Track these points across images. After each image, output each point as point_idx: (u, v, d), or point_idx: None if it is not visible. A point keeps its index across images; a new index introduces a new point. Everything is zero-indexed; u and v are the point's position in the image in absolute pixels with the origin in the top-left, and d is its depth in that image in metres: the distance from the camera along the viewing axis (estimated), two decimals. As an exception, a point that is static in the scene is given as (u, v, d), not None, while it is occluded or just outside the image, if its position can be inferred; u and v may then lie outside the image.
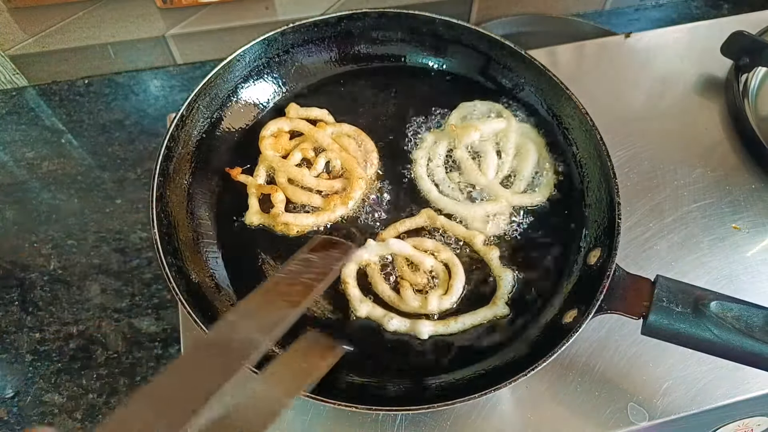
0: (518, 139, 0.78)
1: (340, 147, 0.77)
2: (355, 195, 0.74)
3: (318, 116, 0.80)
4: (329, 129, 0.78)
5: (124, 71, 1.11)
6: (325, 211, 0.73)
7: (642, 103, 0.92)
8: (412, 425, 0.65)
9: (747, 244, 0.79)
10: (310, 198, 0.74)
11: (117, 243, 0.93)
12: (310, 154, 0.77)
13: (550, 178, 0.77)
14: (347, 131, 0.79)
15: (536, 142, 0.79)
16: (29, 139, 1.03)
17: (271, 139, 0.77)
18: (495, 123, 0.78)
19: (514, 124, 0.79)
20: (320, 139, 0.76)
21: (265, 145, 0.76)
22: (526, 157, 0.77)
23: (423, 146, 0.79)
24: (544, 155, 0.78)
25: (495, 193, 0.75)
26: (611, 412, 0.66)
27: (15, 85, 1.08)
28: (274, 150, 0.76)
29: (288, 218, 0.72)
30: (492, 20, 1.16)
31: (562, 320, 0.65)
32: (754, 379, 0.68)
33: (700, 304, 0.58)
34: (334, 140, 0.77)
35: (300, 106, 0.80)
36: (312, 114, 0.80)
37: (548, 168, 0.77)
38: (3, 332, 0.86)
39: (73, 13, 0.99)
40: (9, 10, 0.96)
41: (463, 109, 0.81)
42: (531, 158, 0.77)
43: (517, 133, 0.79)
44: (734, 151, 0.87)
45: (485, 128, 0.78)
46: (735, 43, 0.89)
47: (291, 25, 0.79)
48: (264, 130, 0.77)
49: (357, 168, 0.74)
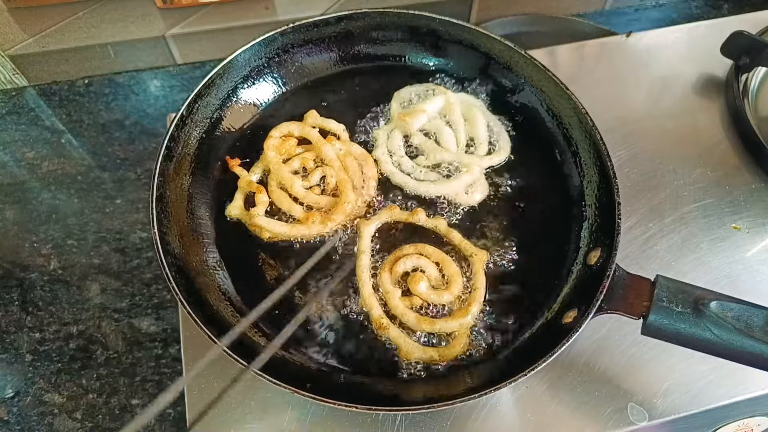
0: (462, 108, 0.81)
1: (342, 166, 0.74)
2: (336, 218, 0.71)
3: (333, 129, 0.78)
4: (338, 145, 0.76)
5: (124, 71, 1.11)
6: (302, 225, 0.71)
7: (642, 103, 0.92)
8: (412, 425, 0.65)
9: (747, 244, 0.79)
10: (291, 207, 0.72)
11: (117, 243, 0.93)
12: (311, 165, 0.76)
13: (504, 134, 0.81)
14: (355, 152, 0.77)
15: (477, 105, 0.82)
16: (29, 139, 1.03)
17: (277, 140, 0.76)
18: (436, 100, 0.81)
19: (452, 96, 0.81)
20: (325, 152, 0.75)
21: (269, 144, 0.75)
22: (475, 121, 0.80)
23: (379, 143, 0.79)
24: (488, 116, 0.82)
25: (464, 162, 0.77)
26: (611, 412, 0.66)
27: (15, 85, 1.08)
28: (276, 152, 0.75)
29: (261, 221, 0.70)
30: (492, 20, 1.16)
31: (562, 320, 0.65)
32: (754, 379, 0.68)
33: (700, 304, 0.58)
34: (339, 157, 0.75)
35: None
36: (328, 125, 0.78)
37: (499, 125, 0.81)
38: (3, 332, 0.86)
39: (73, 13, 1.00)
40: (9, 10, 0.96)
41: (400, 97, 0.83)
42: (480, 121, 0.80)
43: (459, 103, 0.81)
44: (734, 151, 0.87)
45: (429, 108, 0.80)
46: (735, 43, 0.89)
47: (291, 25, 0.79)
48: (274, 130, 0.77)
49: (349, 192, 0.72)
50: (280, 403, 0.66)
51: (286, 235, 0.71)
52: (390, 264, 0.69)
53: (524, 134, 0.81)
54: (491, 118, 0.82)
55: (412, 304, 0.67)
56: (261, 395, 0.66)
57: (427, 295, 0.67)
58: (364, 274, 0.68)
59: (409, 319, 0.66)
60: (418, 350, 0.64)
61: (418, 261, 0.69)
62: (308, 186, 0.74)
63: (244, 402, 0.66)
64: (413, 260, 0.69)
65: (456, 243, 0.72)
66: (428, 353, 0.64)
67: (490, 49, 0.82)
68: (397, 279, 0.69)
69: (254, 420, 0.65)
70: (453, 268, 0.69)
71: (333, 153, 0.75)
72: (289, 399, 0.66)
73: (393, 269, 0.69)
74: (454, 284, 0.68)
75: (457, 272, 0.69)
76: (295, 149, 0.76)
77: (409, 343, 0.65)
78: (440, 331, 0.66)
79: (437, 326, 0.65)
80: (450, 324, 0.65)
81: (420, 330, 0.66)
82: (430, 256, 0.70)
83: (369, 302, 0.67)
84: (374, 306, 0.66)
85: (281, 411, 0.66)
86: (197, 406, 0.65)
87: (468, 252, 0.71)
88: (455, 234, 0.72)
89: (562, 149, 0.78)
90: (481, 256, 0.70)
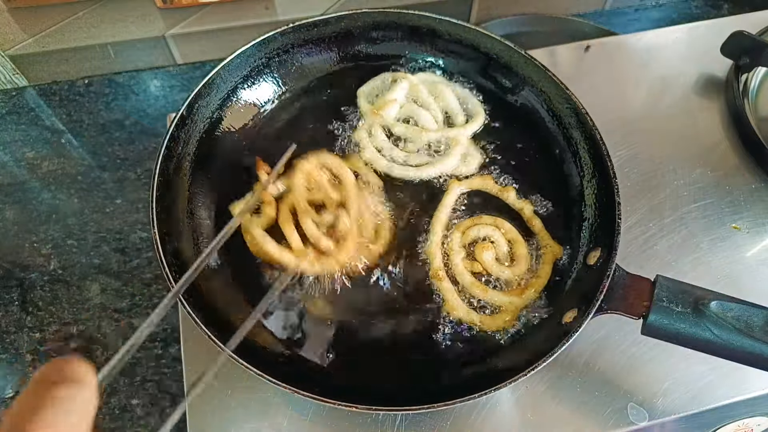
0: (427, 87, 0.82)
1: (359, 219, 0.70)
2: (326, 264, 0.67)
3: (371, 180, 0.75)
4: (366, 196, 0.72)
5: (124, 71, 1.11)
6: (291, 254, 0.67)
7: (642, 103, 0.92)
8: (412, 425, 0.65)
9: (747, 244, 0.79)
10: (291, 234, 0.68)
11: (117, 243, 0.93)
12: (332, 204, 0.70)
13: (473, 98, 0.83)
14: (379, 209, 0.73)
15: (439, 81, 0.84)
16: (29, 139, 1.03)
17: (312, 166, 0.71)
18: (401, 86, 0.81)
19: (414, 78, 0.82)
20: (350, 200, 0.69)
21: (302, 167, 0.70)
22: (443, 96, 0.82)
23: (363, 144, 0.78)
24: (452, 86, 0.84)
25: (451, 136, 0.79)
26: (611, 412, 0.66)
27: (15, 85, 1.09)
28: (306, 177, 0.70)
29: (256, 232, 0.67)
30: (492, 20, 1.16)
31: (562, 320, 0.65)
32: (754, 379, 0.68)
33: (700, 304, 0.58)
34: (361, 210, 0.70)
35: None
36: (368, 176, 0.75)
37: (465, 92, 0.84)
38: (3, 332, 0.86)
39: (73, 13, 1.00)
40: (9, 10, 0.96)
41: (364, 93, 0.83)
42: (448, 94, 0.82)
43: (423, 83, 0.82)
44: (734, 151, 0.87)
45: (398, 96, 0.81)
46: (735, 43, 0.89)
47: (291, 25, 0.79)
48: (313, 156, 0.72)
49: (350, 247, 0.67)
50: (280, 403, 0.66)
51: (272, 256, 0.67)
52: (465, 227, 0.72)
53: (524, 134, 0.81)
54: (455, 88, 0.84)
55: (472, 268, 0.70)
56: (261, 395, 0.66)
57: (490, 265, 0.70)
58: (438, 227, 0.72)
59: (464, 279, 0.69)
60: (463, 309, 0.68)
61: (493, 233, 0.72)
62: (317, 222, 0.70)
63: (244, 402, 0.66)
64: (488, 230, 0.72)
65: (536, 230, 0.73)
66: (471, 316, 0.67)
67: (490, 49, 0.82)
68: (467, 243, 0.72)
69: (254, 420, 0.65)
70: (523, 251, 0.71)
71: (358, 203, 0.71)
72: (289, 399, 0.66)
73: (466, 232, 0.72)
74: (519, 265, 0.70)
75: (526, 256, 0.71)
76: (325, 181, 0.72)
77: (456, 299, 0.68)
78: (489, 300, 0.68)
79: (488, 295, 0.68)
80: (501, 298, 0.68)
81: (471, 293, 0.69)
82: (505, 233, 0.72)
83: (433, 252, 0.71)
84: (437, 257, 0.70)
85: (281, 411, 0.66)
86: (197, 406, 0.65)
87: (544, 242, 0.72)
88: (538, 221, 0.73)
89: (562, 149, 0.78)
90: (555, 250, 0.71)
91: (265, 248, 0.67)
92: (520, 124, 0.82)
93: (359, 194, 0.72)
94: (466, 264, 0.70)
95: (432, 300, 0.69)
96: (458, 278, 0.70)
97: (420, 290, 0.70)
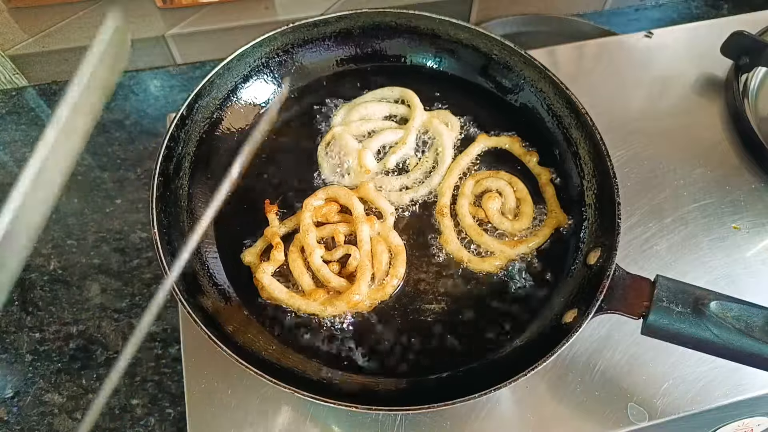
0: (425, 125, 0.80)
1: (371, 252, 0.69)
2: (338, 305, 0.66)
3: (382, 208, 0.73)
4: (377, 227, 0.71)
5: (124, 71, 1.11)
6: (302, 298, 0.66)
7: (642, 103, 0.92)
8: (412, 425, 0.65)
9: (747, 244, 0.79)
10: (301, 275, 0.68)
11: (117, 243, 0.93)
12: (341, 238, 0.70)
13: (444, 111, 0.82)
14: (392, 241, 0.71)
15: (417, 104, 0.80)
16: (29, 139, 1.03)
17: (320, 202, 0.71)
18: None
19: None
20: (360, 231, 0.69)
21: (309, 204, 0.70)
22: (441, 139, 0.79)
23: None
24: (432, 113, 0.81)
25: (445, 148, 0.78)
26: (611, 412, 0.66)
27: (15, 85, 1.09)
28: (314, 214, 0.70)
29: (265, 279, 0.67)
30: (492, 20, 1.16)
31: (562, 320, 0.65)
32: (754, 379, 0.68)
33: (700, 304, 0.58)
34: (372, 241, 0.69)
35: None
36: (378, 203, 0.73)
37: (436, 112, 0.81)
38: (3, 332, 0.86)
39: (73, 13, 1.00)
40: (9, 10, 0.96)
41: (354, 111, 0.80)
42: (445, 138, 0.78)
43: (419, 128, 0.79)
44: (734, 151, 0.87)
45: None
46: (735, 43, 0.89)
47: (291, 25, 0.79)
48: (321, 191, 0.72)
49: (363, 283, 0.66)
50: (280, 403, 0.66)
51: (283, 302, 0.67)
52: (481, 177, 0.76)
53: (524, 134, 0.81)
54: (427, 112, 0.81)
55: (475, 213, 0.74)
56: (261, 395, 0.66)
57: (493, 214, 0.73)
58: (456, 170, 0.76)
59: (464, 221, 0.73)
60: (456, 245, 0.71)
61: (504, 188, 0.75)
62: (328, 260, 0.69)
63: (244, 402, 0.66)
64: (501, 184, 0.75)
65: (547, 197, 0.75)
66: (462, 253, 0.71)
67: (490, 49, 0.82)
68: (479, 192, 0.75)
69: (254, 420, 0.65)
70: (529, 210, 0.74)
71: (368, 235, 0.69)
72: (289, 399, 0.66)
73: (480, 181, 0.76)
74: (521, 221, 0.73)
75: (530, 215, 0.73)
76: (333, 216, 0.71)
77: (452, 234, 0.72)
78: (482, 244, 0.71)
79: (483, 239, 0.71)
80: (494, 245, 0.71)
81: (467, 233, 0.72)
82: (517, 191, 0.75)
83: (444, 190, 0.75)
84: (446, 195, 0.74)
85: (281, 411, 0.66)
86: (197, 406, 0.65)
87: (551, 208, 0.74)
88: (551, 189, 0.76)
89: (562, 149, 0.78)
90: (560, 217, 0.73)
91: (274, 295, 0.67)
92: (520, 125, 0.82)
93: (368, 225, 0.70)
94: (471, 209, 0.74)
95: (434, 301, 0.69)
96: (459, 219, 0.73)
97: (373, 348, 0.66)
